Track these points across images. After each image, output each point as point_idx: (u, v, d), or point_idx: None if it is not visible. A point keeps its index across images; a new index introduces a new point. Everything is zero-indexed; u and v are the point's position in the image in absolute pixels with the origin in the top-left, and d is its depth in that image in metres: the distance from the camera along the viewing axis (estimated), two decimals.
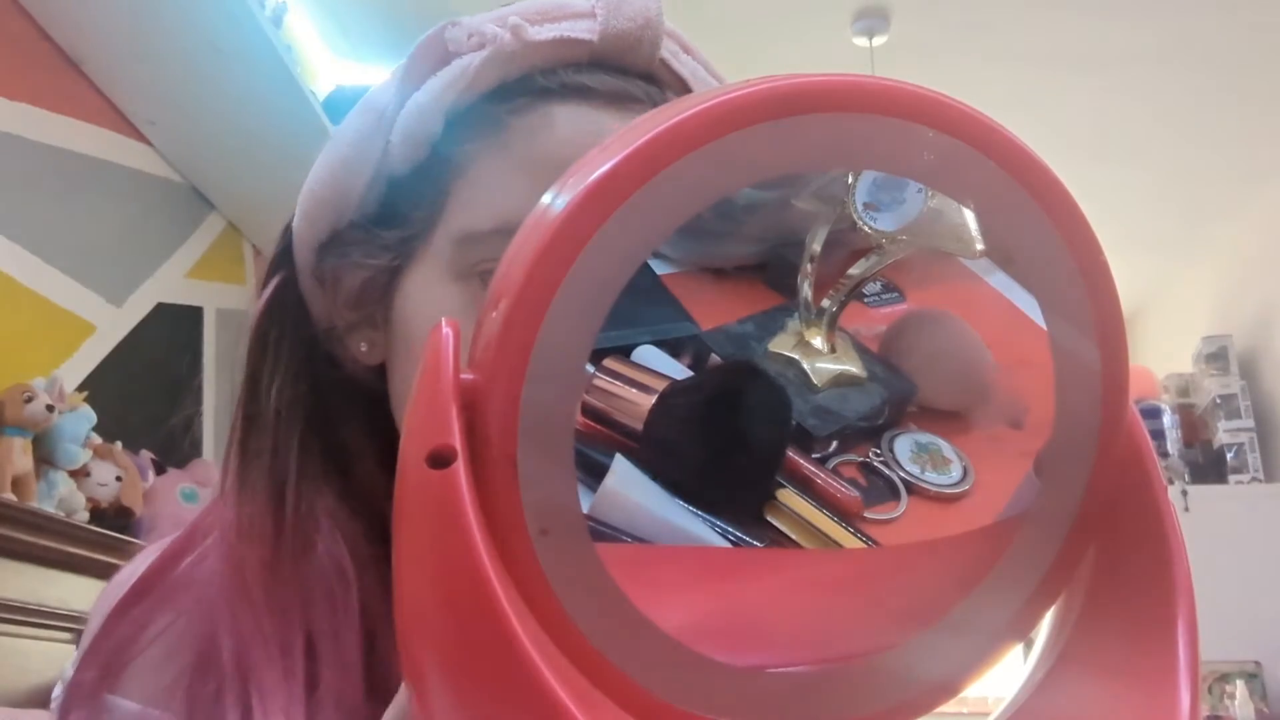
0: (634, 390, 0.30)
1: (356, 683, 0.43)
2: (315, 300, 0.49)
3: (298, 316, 0.50)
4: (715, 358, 0.32)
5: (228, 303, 2.84)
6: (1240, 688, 2.64)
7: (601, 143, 0.27)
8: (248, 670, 0.42)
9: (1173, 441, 3.17)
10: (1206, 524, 2.60)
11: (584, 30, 0.46)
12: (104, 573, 1.88)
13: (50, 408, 1.83)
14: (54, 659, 1.76)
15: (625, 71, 0.47)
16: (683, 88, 0.47)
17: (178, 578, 0.48)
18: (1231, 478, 3.09)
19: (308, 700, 0.42)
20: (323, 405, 0.49)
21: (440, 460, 0.25)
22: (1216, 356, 3.28)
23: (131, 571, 0.49)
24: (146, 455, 2.20)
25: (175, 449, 2.37)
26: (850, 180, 0.31)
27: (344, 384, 0.50)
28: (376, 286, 0.47)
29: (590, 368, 0.27)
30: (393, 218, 0.47)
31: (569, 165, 0.46)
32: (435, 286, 0.45)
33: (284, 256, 0.50)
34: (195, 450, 2.58)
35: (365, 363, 0.49)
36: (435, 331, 0.27)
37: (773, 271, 0.33)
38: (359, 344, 0.49)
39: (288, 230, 0.50)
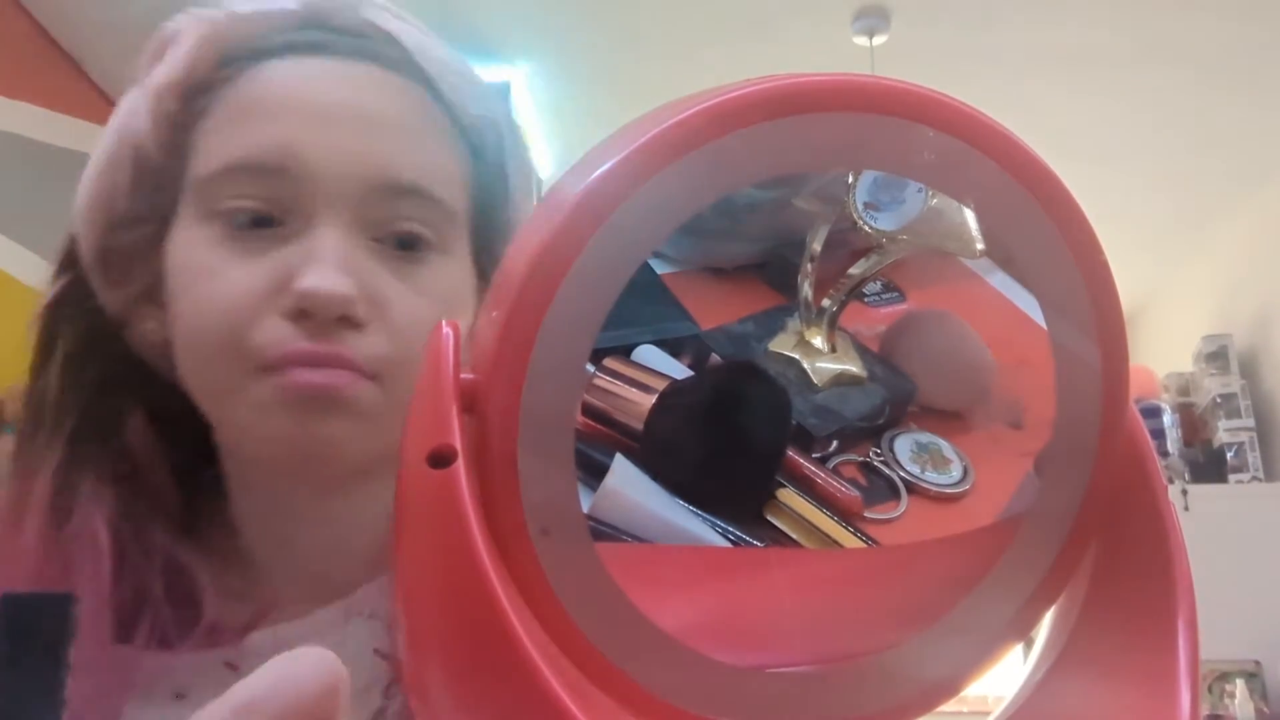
0: (634, 390, 0.30)
1: (100, 644, 0.46)
2: (105, 293, 0.53)
3: (81, 313, 0.53)
4: (715, 358, 0.32)
5: None
6: (1240, 687, 2.64)
7: (601, 143, 0.27)
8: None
9: (1173, 441, 3.17)
10: (1206, 524, 2.60)
11: (287, 2, 0.52)
12: None
13: None
14: None
15: (336, 30, 0.51)
16: (393, 41, 0.52)
17: None
18: (1231, 477, 3.09)
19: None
20: (103, 393, 0.53)
21: (440, 460, 0.25)
22: (1216, 356, 3.28)
23: None
24: None
25: None
26: (850, 180, 0.31)
27: (129, 369, 0.53)
28: (143, 257, 0.51)
29: (590, 368, 0.27)
30: (153, 194, 0.51)
31: (279, 99, 0.49)
32: (186, 234, 0.50)
33: (66, 264, 0.54)
34: None
35: (154, 340, 0.52)
36: (435, 331, 0.27)
37: (773, 271, 0.33)
38: (146, 323, 0.52)
39: (69, 238, 0.54)
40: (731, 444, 0.31)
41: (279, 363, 0.46)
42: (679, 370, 0.31)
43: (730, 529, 0.30)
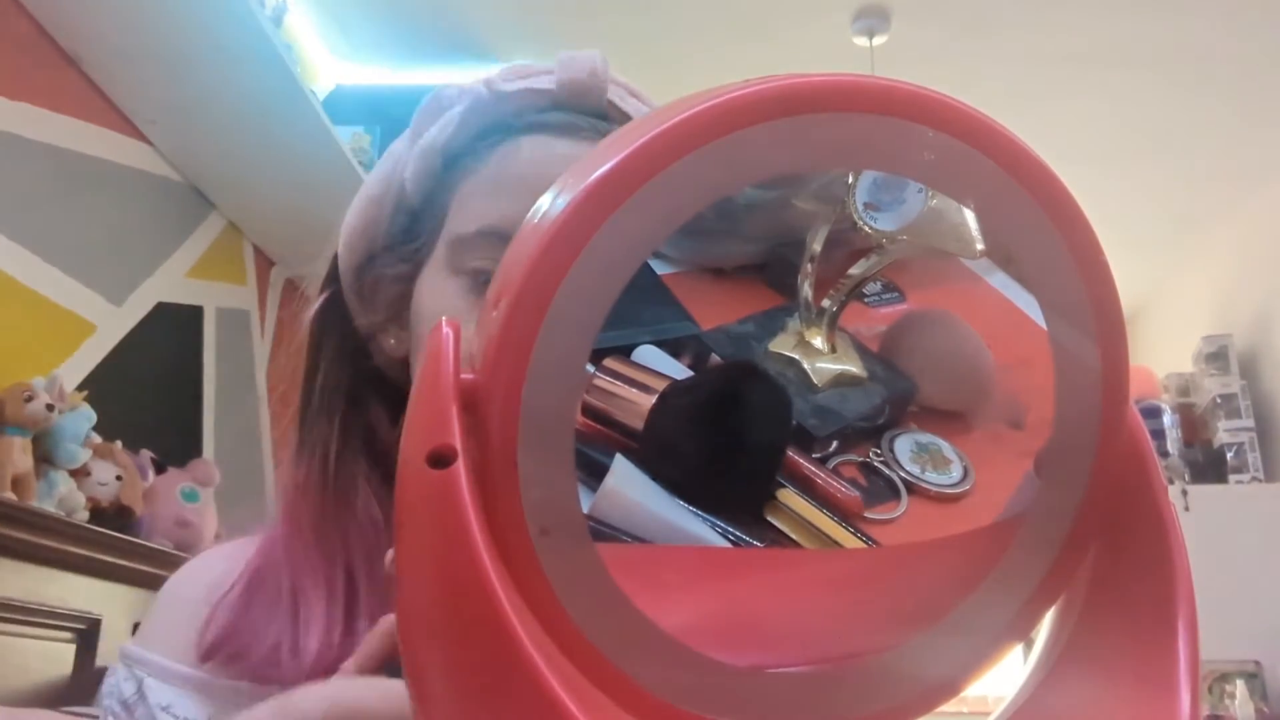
0: (634, 390, 0.30)
1: (386, 608, 0.51)
2: (356, 311, 0.62)
3: (341, 323, 0.63)
4: (715, 358, 0.32)
5: (228, 302, 2.84)
6: (1240, 688, 2.64)
7: (603, 143, 0.27)
8: (297, 593, 0.53)
9: (1173, 441, 3.17)
10: (1206, 524, 2.60)
11: (545, 82, 0.60)
12: (104, 572, 1.88)
13: (50, 407, 1.83)
14: (54, 659, 1.77)
15: (581, 112, 0.59)
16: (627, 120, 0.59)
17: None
18: (1231, 477, 3.09)
19: (346, 622, 0.51)
20: (359, 394, 0.61)
21: (440, 460, 0.25)
22: (1216, 356, 3.28)
23: (221, 558, 0.59)
24: (146, 455, 2.19)
25: (175, 448, 2.37)
26: (850, 180, 0.31)
27: (376, 377, 0.62)
28: (399, 292, 0.60)
29: (590, 368, 0.27)
30: (409, 237, 0.60)
31: (529, 179, 0.54)
32: (437, 283, 0.57)
33: (331, 278, 0.63)
34: (195, 449, 2.58)
35: (394, 355, 0.61)
36: (435, 331, 0.27)
37: (773, 271, 0.33)
38: (389, 340, 0.61)
39: (334, 258, 0.63)
40: (732, 444, 0.30)
41: None
42: (679, 370, 0.31)
43: (730, 529, 0.30)
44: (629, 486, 0.29)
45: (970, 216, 0.29)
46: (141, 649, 0.55)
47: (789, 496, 0.30)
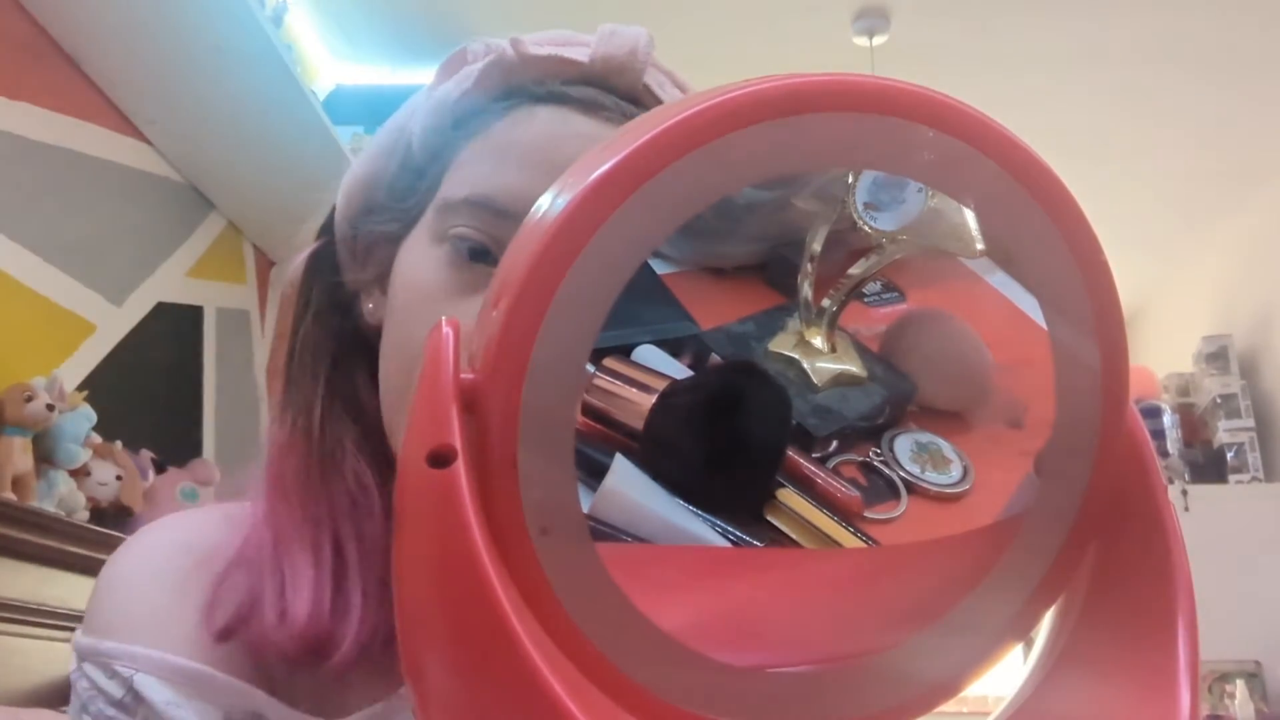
0: (634, 390, 0.30)
1: (377, 572, 0.50)
2: (346, 265, 0.58)
3: (330, 274, 0.58)
4: (715, 358, 0.32)
5: (228, 302, 2.84)
6: (1240, 688, 2.64)
7: (602, 143, 0.27)
8: (282, 557, 0.50)
9: (1173, 441, 3.17)
10: (1206, 524, 2.60)
11: (578, 52, 0.54)
12: None
13: (50, 407, 1.83)
14: (54, 659, 1.76)
15: (611, 91, 0.54)
16: None
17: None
18: (1231, 477, 3.09)
19: (335, 587, 0.50)
20: (344, 353, 0.58)
21: (440, 460, 0.25)
22: (1216, 356, 3.28)
23: (185, 530, 0.56)
24: (146, 455, 2.19)
25: (175, 448, 2.37)
26: (850, 180, 0.31)
27: (360, 338, 0.58)
28: (389, 253, 0.55)
29: (590, 368, 0.27)
30: (407, 194, 0.55)
31: (537, 152, 0.51)
32: (418, 250, 0.53)
33: (325, 227, 0.60)
34: (195, 449, 2.58)
35: (370, 321, 0.57)
36: (435, 331, 0.27)
37: (773, 271, 0.33)
38: (368, 304, 0.57)
39: (332, 207, 0.59)
40: (731, 444, 0.30)
41: None
42: (679, 370, 0.31)
43: (730, 529, 0.30)
44: (629, 486, 0.29)
45: (970, 216, 0.29)
46: (123, 644, 0.50)
47: (789, 496, 0.30)
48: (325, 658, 0.48)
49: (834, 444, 0.31)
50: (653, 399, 0.30)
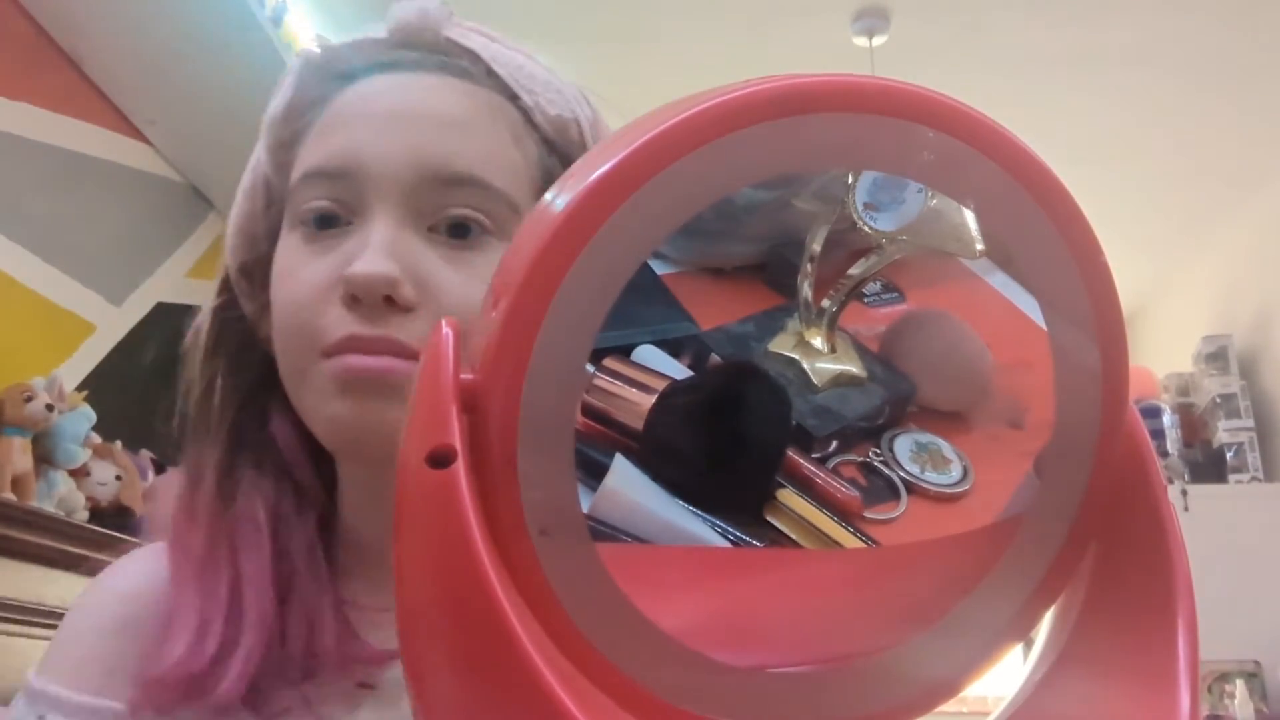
0: (634, 390, 0.30)
1: (268, 610, 0.51)
2: (244, 305, 0.59)
3: (237, 325, 0.60)
4: (715, 358, 0.32)
5: None
6: (1240, 688, 2.64)
7: (602, 143, 0.27)
8: (174, 599, 0.52)
9: (1173, 441, 3.17)
10: (1206, 524, 2.60)
11: (377, 29, 0.58)
12: None
13: (50, 407, 1.83)
14: None
15: (420, 49, 0.57)
16: (472, 55, 0.57)
17: None
18: (1231, 477, 3.09)
19: (226, 631, 0.50)
20: (254, 396, 0.58)
21: (440, 460, 0.25)
22: (1216, 356, 3.28)
23: (126, 577, 0.58)
24: (146, 455, 2.20)
25: (175, 449, 2.36)
26: (850, 180, 0.31)
27: (269, 363, 0.58)
28: (264, 267, 0.57)
29: (590, 368, 0.27)
30: (276, 211, 0.57)
31: (350, 109, 0.53)
32: (282, 240, 0.55)
33: (224, 285, 0.61)
34: None
35: (265, 339, 0.57)
36: (435, 331, 0.27)
37: (773, 271, 0.33)
38: (266, 332, 0.57)
39: (225, 268, 0.61)
40: (731, 444, 0.30)
41: (335, 349, 0.50)
42: (679, 370, 0.31)
43: (730, 529, 0.30)
44: (629, 486, 0.29)
45: (970, 216, 0.29)
46: (44, 681, 0.52)
47: (789, 496, 0.30)
48: (205, 695, 0.49)
49: (834, 444, 0.31)
50: (653, 399, 0.30)
